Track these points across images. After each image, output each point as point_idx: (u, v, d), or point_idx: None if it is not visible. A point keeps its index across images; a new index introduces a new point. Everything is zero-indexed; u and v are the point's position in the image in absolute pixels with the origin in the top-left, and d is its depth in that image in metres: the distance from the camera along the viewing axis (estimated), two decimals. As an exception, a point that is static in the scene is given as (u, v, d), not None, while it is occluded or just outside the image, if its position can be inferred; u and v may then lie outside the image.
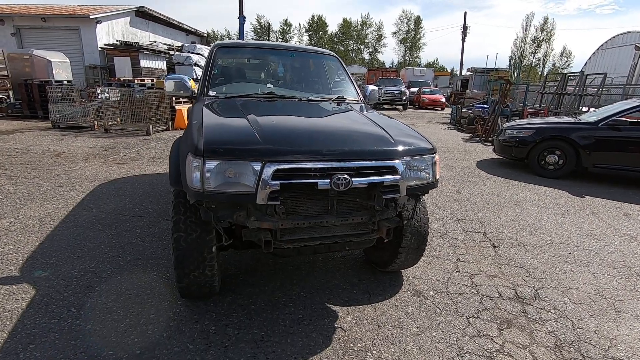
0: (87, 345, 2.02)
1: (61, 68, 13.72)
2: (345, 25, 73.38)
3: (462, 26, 34.38)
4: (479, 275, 3.01)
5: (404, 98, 20.54)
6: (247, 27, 71.93)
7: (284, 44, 3.64)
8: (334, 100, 3.05)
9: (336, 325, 2.30)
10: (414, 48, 71.21)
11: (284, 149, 1.89)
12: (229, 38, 68.08)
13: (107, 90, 10.17)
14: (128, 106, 9.91)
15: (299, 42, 78.47)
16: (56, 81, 11.88)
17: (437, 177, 2.30)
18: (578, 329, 2.39)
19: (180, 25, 23.89)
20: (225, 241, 2.05)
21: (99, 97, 9.95)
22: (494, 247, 3.58)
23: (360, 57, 75.07)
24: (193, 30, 25.84)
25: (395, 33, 72.03)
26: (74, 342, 2.05)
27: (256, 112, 2.38)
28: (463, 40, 34.56)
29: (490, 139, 10.21)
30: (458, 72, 36.84)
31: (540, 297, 2.74)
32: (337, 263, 3.10)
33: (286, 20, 79.07)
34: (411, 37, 70.71)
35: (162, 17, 21.78)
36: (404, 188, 2.09)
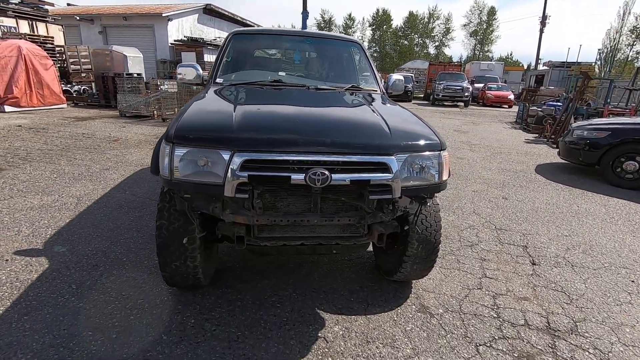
0: (71, 323, 2.08)
1: (135, 62, 15.06)
2: (411, 18, 70.65)
3: (541, 15, 31.03)
4: (505, 296, 2.58)
5: (466, 94, 19.15)
6: (311, 22, 72.88)
7: (303, 30, 3.46)
8: (347, 89, 2.81)
9: (319, 335, 2.10)
10: (485, 41, 66.24)
11: (257, 137, 1.73)
12: (293, 34, 69.39)
13: (165, 82, 10.88)
14: (185, 97, 10.51)
15: (362, 36, 77.54)
16: (127, 74, 13.00)
17: (445, 178, 1.97)
18: (621, 379, 1.91)
19: (243, 20, 24.85)
20: (199, 233, 1.96)
21: (160, 88, 10.67)
22: (533, 264, 3.07)
23: (425, 51, 71.95)
24: (255, 25, 26.78)
25: (465, 25, 67.62)
26: (61, 319, 2.12)
27: (252, 101, 2.25)
28: (541, 31, 31.17)
29: (558, 140, 9.03)
30: (534, 67, 33.43)
31: (578, 332, 2.26)
32: (342, 265, 2.88)
33: (350, 15, 78.58)
34: (483, 30, 65.84)
35: (226, 13, 22.83)
36: (398, 189, 1.81)
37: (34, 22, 13.97)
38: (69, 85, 13.58)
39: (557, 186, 5.47)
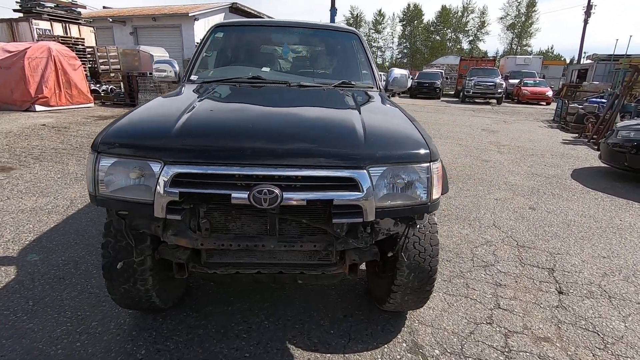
0: (11, 349, 1.87)
1: (160, 62, 15.34)
2: (444, 12, 68.24)
3: (586, 5, 28.75)
4: (521, 335, 2.14)
5: (499, 91, 18.02)
6: (340, 19, 72.29)
7: (293, 20, 3.12)
8: (336, 86, 2.44)
9: (283, 378, 1.77)
10: (524, 34, 62.76)
11: (192, 146, 1.42)
12: (322, 31, 69.10)
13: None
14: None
15: (392, 32, 75.89)
16: (150, 73, 13.20)
17: (436, 196, 1.57)
18: None
19: (269, 19, 24.83)
20: (137, 256, 1.68)
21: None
22: (560, 293, 2.58)
23: (458, 46, 69.31)
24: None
25: (501, 19, 64.48)
26: (4, 342, 1.92)
27: (214, 102, 1.95)
28: (585, 22, 28.89)
29: (600, 141, 8.14)
30: (577, 61, 31.10)
31: (613, 390, 1.79)
32: (330, 286, 2.52)
33: (380, 11, 77.21)
34: (521, 22, 62.40)
35: (252, 11, 22.86)
36: (372, 210, 1.44)
37: (67, 25, 14.52)
38: (97, 85, 14.00)
39: (596, 195, 4.80)
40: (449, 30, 70.25)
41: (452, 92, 26.64)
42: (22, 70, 10.32)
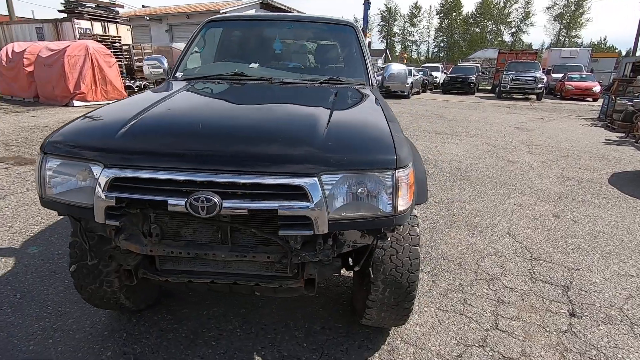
0: (-12, 341, 1.92)
1: (192, 58, 15.77)
2: (485, 3, 65.01)
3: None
4: (516, 363, 1.91)
5: (539, 86, 16.85)
6: (374, 12, 71.00)
7: (287, 14, 2.98)
8: (323, 82, 2.29)
9: (241, 394, 1.68)
10: (573, 25, 58.49)
11: (131, 148, 1.34)
12: (355, 25, 68.20)
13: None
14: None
15: (429, 24, 73.49)
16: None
17: (403, 207, 1.39)
18: None
19: (301, 14, 24.80)
20: (91, 260, 1.64)
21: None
22: (572, 315, 2.29)
23: (499, 39, 65.90)
24: (312, 18, 26.64)
25: (548, 9, 60.46)
26: (-16, 334, 1.97)
27: (180, 100, 1.88)
28: (644, 10, 26.31)
29: (650, 142, 7.35)
30: (632, 53, 28.44)
31: None
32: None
33: (416, 4, 74.96)
34: (570, 12, 58.18)
35: (283, 7, 22.92)
36: (324, 222, 1.30)
37: (106, 24, 15.25)
38: (132, 81, 14.62)
39: (635, 203, 4.30)
40: (490, 22, 66.90)
41: (489, 88, 25.37)
42: (62, 67, 10.95)
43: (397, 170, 1.35)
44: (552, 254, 3.05)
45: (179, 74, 2.48)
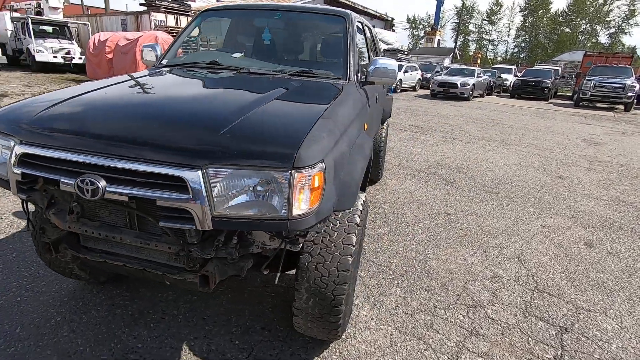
0: (-30, 291, 2.16)
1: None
2: (579, 0, 58.05)
3: None
4: (461, 405, 1.65)
5: (629, 94, 14.59)
6: (449, 8, 67.46)
7: (278, 3, 2.89)
8: (292, 74, 2.17)
9: (153, 380, 1.68)
10: (691, 26, 49.66)
11: (40, 126, 1.39)
12: (427, 23, 65.53)
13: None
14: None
15: (510, 22, 67.87)
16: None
17: (299, 212, 1.26)
18: None
19: (365, 10, 24.48)
20: (28, 229, 1.73)
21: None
22: (557, 363, 1.93)
23: (593, 40, 58.58)
24: (377, 14, 26.10)
25: (659, 6, 52.00)
26: (-28, 285, 2.23)
27: (128, 84, 1.93)
28: None
29: None
30: None
31: None
32: (274, 292, 2.33)
33: (497, 0, 69.51)
34: (688, 11, 49.51)
35: (347, 2, 22.76)
36: (206, 218, 1.22)
37: (178, 16, 16.50)
38: (195, 71, 15.66)
39: None
40: (584, 21, 59.62)
41: (570, 94, 22.71)
42: (134, 55, 12.06)
43: (294, 170, 1.22)
44: (563, 287, 2.60)
45: (164, 61, 2.55)
